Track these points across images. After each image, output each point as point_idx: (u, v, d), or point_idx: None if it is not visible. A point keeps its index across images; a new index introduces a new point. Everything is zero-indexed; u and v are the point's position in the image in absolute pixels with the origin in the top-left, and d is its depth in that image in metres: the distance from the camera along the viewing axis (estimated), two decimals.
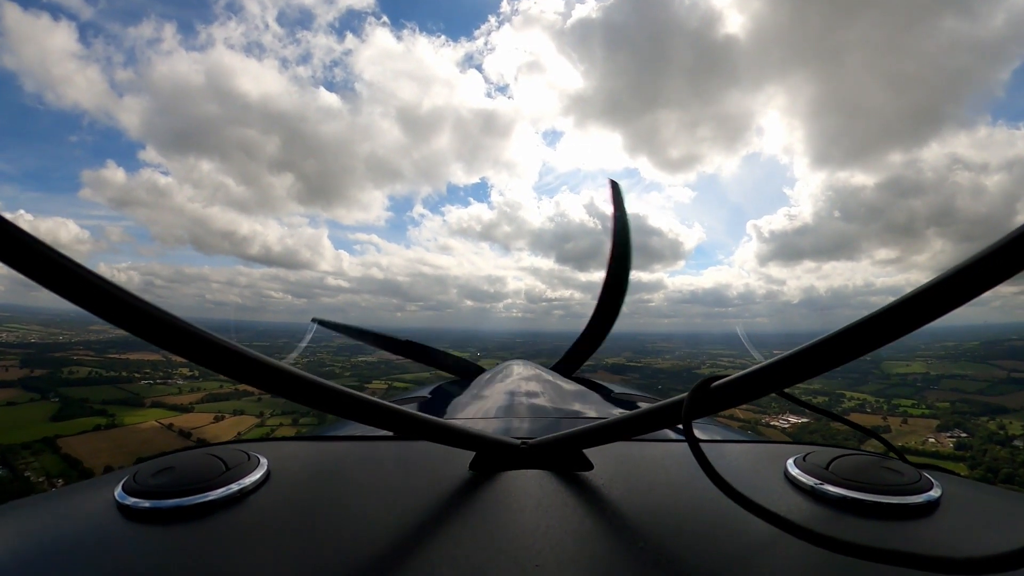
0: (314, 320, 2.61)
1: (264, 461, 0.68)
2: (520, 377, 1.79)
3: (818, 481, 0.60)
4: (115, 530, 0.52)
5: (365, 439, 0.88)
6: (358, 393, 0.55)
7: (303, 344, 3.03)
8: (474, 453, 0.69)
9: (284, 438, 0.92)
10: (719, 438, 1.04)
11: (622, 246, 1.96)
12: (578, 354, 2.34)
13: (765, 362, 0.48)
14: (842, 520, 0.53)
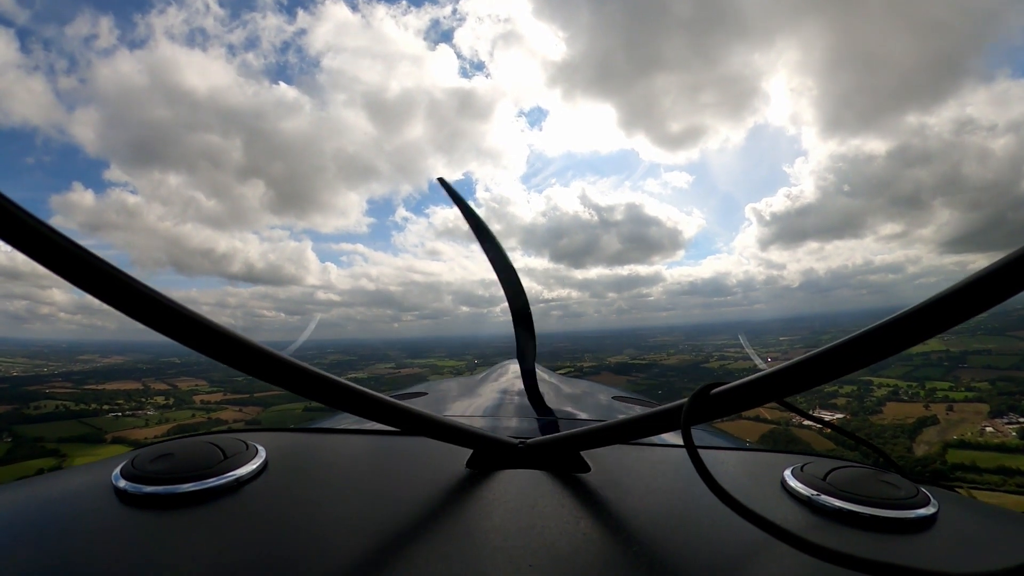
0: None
1: (262, 451, 0.68)
2: (519, 376, 1.75)
3: (815, 492, 0.60)
4: (110, 514, 0.52)
5: (364, 433, 0.88)
6: (359, 387, 0.56)
7: (305, 335, 2.91)
8: (471, 451, 0.70)
9: (283, 429, 0.91)
10: (717, 445, 0.99)
11: (481, 227, 1.87)
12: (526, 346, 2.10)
13: (767, 370, 0.48)
14: (837, 531, 0.53)
